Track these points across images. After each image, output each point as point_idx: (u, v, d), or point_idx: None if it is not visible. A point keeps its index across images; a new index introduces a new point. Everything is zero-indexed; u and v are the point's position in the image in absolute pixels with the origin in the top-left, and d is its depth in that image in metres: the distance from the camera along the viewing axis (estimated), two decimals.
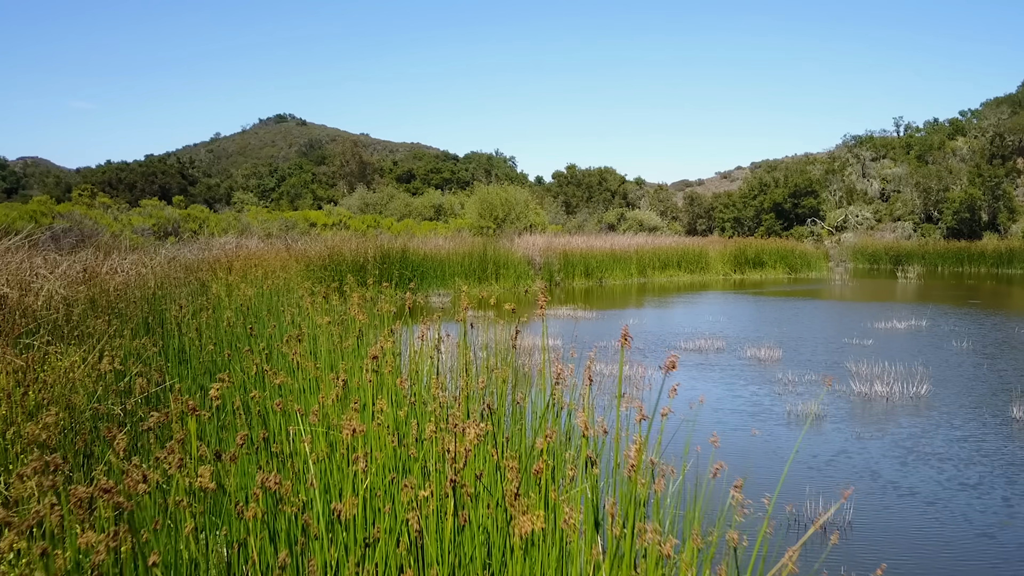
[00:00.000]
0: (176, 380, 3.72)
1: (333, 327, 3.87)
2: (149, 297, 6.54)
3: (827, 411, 6.77)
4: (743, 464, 5.19)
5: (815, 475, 5.09)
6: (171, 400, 2.61)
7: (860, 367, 8.54)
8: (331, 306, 4.84)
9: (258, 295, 6.08)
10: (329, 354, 3.74)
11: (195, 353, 4.16)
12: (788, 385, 7.84)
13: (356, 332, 3.65)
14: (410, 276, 18.28)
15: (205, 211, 24.77)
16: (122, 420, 3.14)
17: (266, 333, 4.57)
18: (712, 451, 4.91)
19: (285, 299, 6.58)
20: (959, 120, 54.13)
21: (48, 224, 14.25)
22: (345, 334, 3.96)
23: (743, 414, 6.66)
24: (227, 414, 3.17)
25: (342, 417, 2.51)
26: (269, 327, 4.73)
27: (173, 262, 12.42)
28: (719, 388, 7.77)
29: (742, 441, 5.87)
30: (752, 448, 5.69)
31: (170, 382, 3.63)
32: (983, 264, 33.21)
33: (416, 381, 3.07)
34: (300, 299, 6.99)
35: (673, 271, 26.80)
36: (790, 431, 6.14)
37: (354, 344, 3.58)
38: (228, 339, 4.46)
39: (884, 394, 7.38)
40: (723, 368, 8.84)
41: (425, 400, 3.07)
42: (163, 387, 3.60)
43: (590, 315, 14.33)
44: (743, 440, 5.89)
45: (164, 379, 3.74)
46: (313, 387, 3.20)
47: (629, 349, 3.58)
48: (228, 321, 4.39)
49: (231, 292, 6.39)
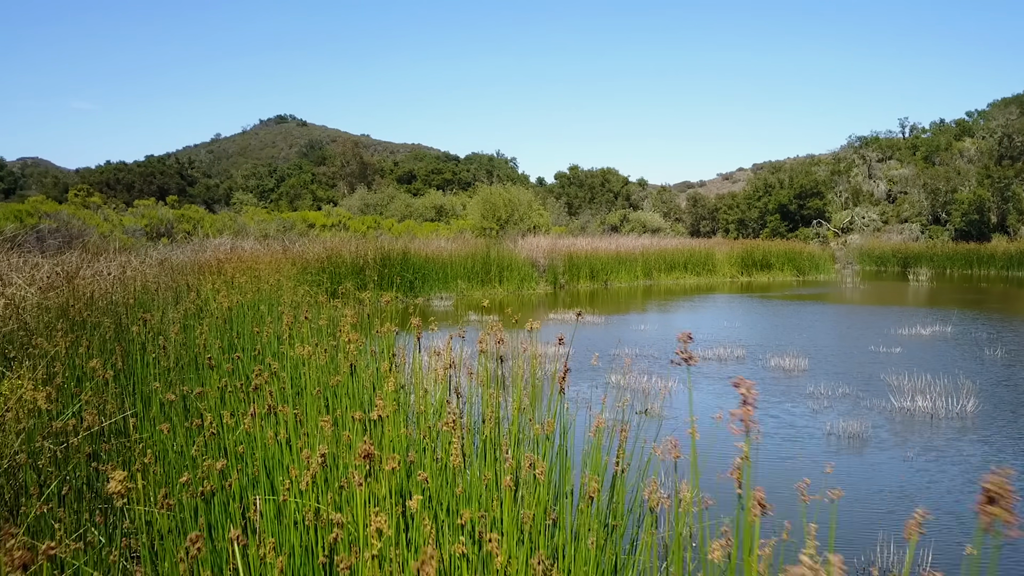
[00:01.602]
0: (131, 412, 3.11)
1: (320, 351, 3.22)
2: (129, 304, 5.94)
3: (870, 431, 6.17)
4: (789, 497, 4.58)
5: (873, 509, 4.49)
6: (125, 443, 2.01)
7: (898, 379, 7.94)
8: (318, 327, 4.20)
9: (239, 308, 5.41)
10: (312, 393, 3.05)
11: (162, 378, 3.52)
12: (821, 400, 7.24)
13: (347, 363, 3.00)
14: (411, 279, 17.68)
15: (200, 211, 24.17)
16: (59, 462, 2.56)
17: (244, 352, 3.93)
18: (754, 480, 4.29)
19: (274, 309, 5.99)
20: (966, 121, 53.53)
21: (34, 224, 13.69)
22: (335, 362, 3.32)
23: (779, 437, 6.06)
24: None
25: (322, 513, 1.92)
26: (246, 345, 4.10)
27: (163, 265, 11.84)
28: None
29: (783, 470, 5.27)
30: (795, 476, 5.09)
31: (120, 416, 3.03)
32: (993, 266, 32.62)
33: (428, 437, 2.43)
34: (293, 306, 6.39)
35: (679, 273, 26.23)
36: (834, 454, 5.54)
37: (346, 379, 2.95)
38: (199, 360, 3.83)
39: (928, 410, 6.78)
40: None
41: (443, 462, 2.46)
42: (122, 417, 3.01)
43: (598, 320, 13.74)
44: (784, 469, 5.30)
45: (125, 407, 3.16)
46: (283, 454, 2.47)
47: (693, 364, 2.41)
48: (203, 339, 3.78)
49: (207, 303, 5.74)
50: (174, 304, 6.01)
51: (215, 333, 4.32)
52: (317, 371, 3.15)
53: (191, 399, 3.17)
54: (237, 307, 5.33)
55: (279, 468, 2.36)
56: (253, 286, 7.36)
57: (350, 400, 2.85)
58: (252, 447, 2.46)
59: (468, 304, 16.88)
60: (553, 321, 13.48)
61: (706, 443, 5.57)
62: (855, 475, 5.12)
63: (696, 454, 1.76)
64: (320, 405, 2.83)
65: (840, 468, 5.23)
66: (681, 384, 7.90)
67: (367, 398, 3.05)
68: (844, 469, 5.23)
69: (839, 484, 4.82)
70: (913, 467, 5.27)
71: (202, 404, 2.84)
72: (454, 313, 15.08)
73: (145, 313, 4.07)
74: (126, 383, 3.58)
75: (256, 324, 4.73)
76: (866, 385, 7.89)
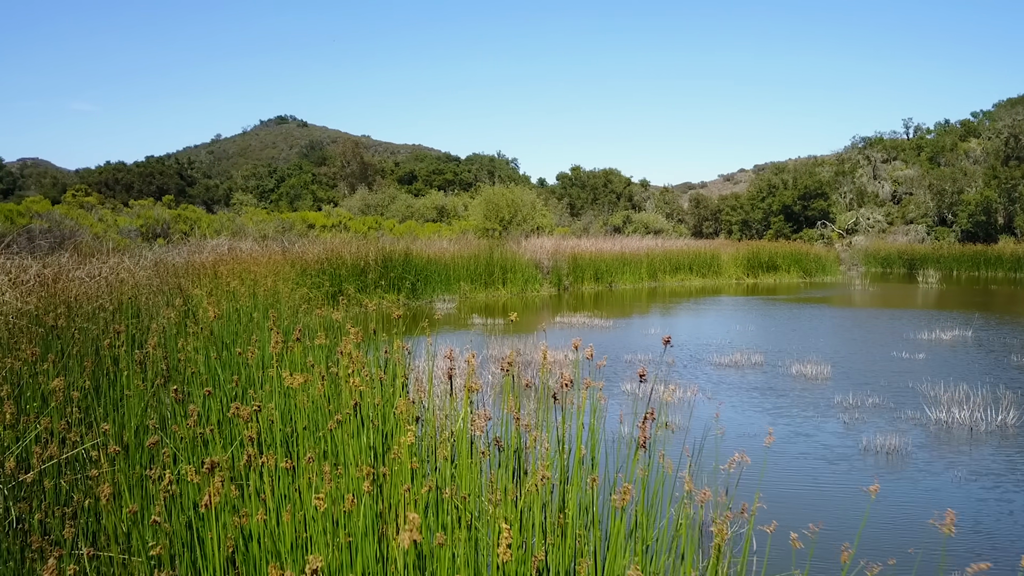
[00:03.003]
0: (95, 443, 2.67)
1: (318, 377, 2.72)
2: (113, 310, 5.52)
3: (908, 447, 5.75)
4: (837, 522, 4.17)
5: (927, 537, 4.08)
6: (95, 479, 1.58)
7: (932, 389, 7.53)
8: (314, 346, 3.72)
9: (229, 316, 4.90)
10: (307, 440, 2.56)
11: (135, 400, 3.02)
12: (850, 411, 6.82)
13: (352, 396, 2.51)
14: (413, 281, 17.26)
15: (197, 211, 23.74)
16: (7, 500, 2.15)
17: (223, 380, 3.43)
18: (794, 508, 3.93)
19: (266, 321, 5.55)
20: (971, 121, 53.15)
21: (25, 225, 13.27)
22: (335, 386, 2.83)
23: (812, 457, 5.64)
24: None
25: None
26: (233, 365, 3.61)
27: (157, 266, 11.42)
28: (775, 419, 6.75)
29: (823, 495, 4.86)
30: (835, 500, 4.68)
31: (77, 449, 2.59)
32: (1000, 268, 32.23)
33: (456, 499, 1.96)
34: (289, 314, 5.98)
35: (684, 275, 25.84)
36: (874, 474, 5.13)
37: (347, 421, 2.47)
38: (176, 383, 3.35)
39: (966, 423, 6.37)
40: (770, 390, 7.83)
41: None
42: (78, 450, 2.59)
43: (607, 324, 13.32)
44: (823, 493, 4.88)
45: (93, 432, 2.75)
46: (265, 530, 1.99)
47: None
48: (184, 354, 3.35)
49: (195, 311, 5.26)
50: (159, 311, 5.58)
51: (200, 345, 3.85)
52: (312, 408, 2.67)
53: (167, 435, 2.74)
54: (227, 315, 4.88)
55: (262, 551, 1.88)
56: (248, 289, 6.92)
57: (354, 441, 2.39)
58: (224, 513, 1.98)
59: (472, 307, 16.46)
60: (560, 325, 13.06)
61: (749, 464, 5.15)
62: (907, 500, 4.70)
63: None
64: (317, 449, 2.39)
65: (888, 493, 4.81)
66: (701, 394, 7.49)
67: (376, 442, 2.57)
68: (892, 494, 4.81)
69: (891, 512, 4.40)
70: (971, 494, 4.84)
71: (166, 448, 2.36)
72: (457, 316, 14.67)
73: (119, 325, 3.65)
74: (95, 405, 3.14)
75: (246, 337, 4.28)
76: (896, 395, 7.47)
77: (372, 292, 16.32)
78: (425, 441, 2.69)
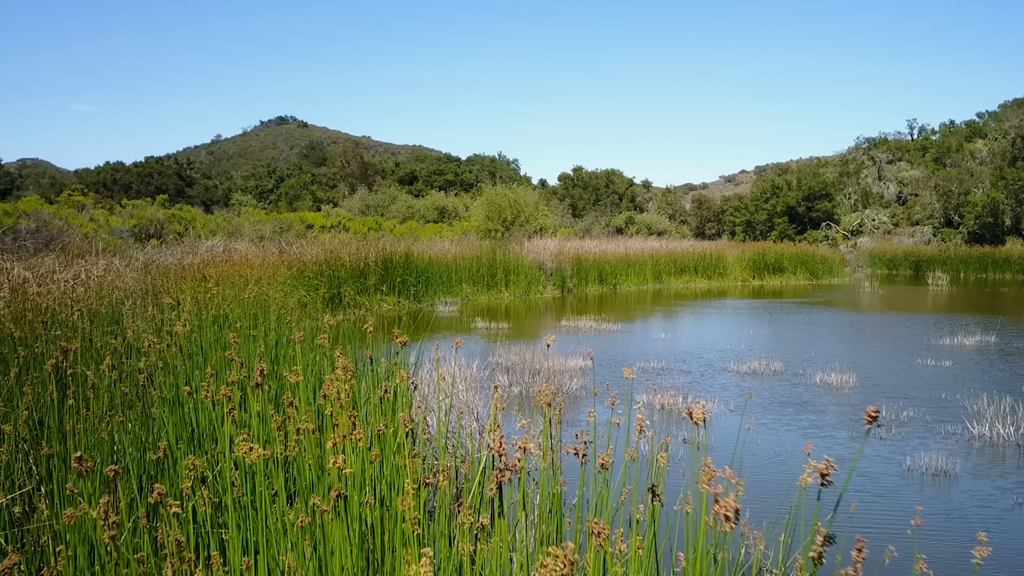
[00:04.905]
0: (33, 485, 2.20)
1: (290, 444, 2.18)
2: (84, 318, 5.05)
3: (955, 466, 5.28)
4: None
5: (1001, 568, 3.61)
6: None
7: (970, 401, 7.06)
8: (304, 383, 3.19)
9: (207, 328, 4.37)
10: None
11: (85, 433, 2.48)
12: (887, 426, 6.35)
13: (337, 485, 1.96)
14: (414, 283, 16.77)
15: (193, 211, 23.26)
16: None
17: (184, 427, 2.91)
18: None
19: (259, 326, 5.09)
20: (976, 122, 52.67)
21: (11, 224, 12.80)
22: (314, 466, 2.28)
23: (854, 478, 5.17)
24: None
25: None
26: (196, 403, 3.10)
27: (147, 268, 10.96)
28: (804, 434, 6.28)
29: (874, 528, 4.38)
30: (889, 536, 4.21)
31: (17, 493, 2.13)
32: (1008, 270, 31.79)
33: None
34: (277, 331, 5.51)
35: (689, 276, 25.38)
36: (927, 500, 4.66)
37: (331, 509, 1.93)
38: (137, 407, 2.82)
39: (1014, 439, 5.90)
40: (794, 401, 7.35)
41: None
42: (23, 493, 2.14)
43: (614, 328, 12.84)
44: (874, 526, 4.41)
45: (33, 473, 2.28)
46: None
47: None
48: (146, 371, 2.88)
49: (170, 326, 4.77)
50: (137, 321, 5.10)
51: (168, 364, 3.33)
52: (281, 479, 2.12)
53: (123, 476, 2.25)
54: (202, 327, 4.39)
55: None
56: (236, 293, 6.45)
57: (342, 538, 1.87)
58: None
59: (474, 309, 15.99)
60: (565, 329, 12.59)
61: (773, 486, 4.69)
62: (959, 529, 4.23)
63: None
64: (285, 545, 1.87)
65: (933, 518, 4.33)
66: (723, 405, 7.02)
67: (372, 519, 2.07)
68: (937, 514, 4.34)
69: (950, 546, 3.92)
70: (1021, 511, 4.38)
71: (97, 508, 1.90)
72: (460, 319, 14.20)
73: (71, 342, 3.18)
74: (39, 436, 2.65)
75: (212, 359, 3.77)
76: (931, 407, 7.00)
77: (372, 295, 15.84)
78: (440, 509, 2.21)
